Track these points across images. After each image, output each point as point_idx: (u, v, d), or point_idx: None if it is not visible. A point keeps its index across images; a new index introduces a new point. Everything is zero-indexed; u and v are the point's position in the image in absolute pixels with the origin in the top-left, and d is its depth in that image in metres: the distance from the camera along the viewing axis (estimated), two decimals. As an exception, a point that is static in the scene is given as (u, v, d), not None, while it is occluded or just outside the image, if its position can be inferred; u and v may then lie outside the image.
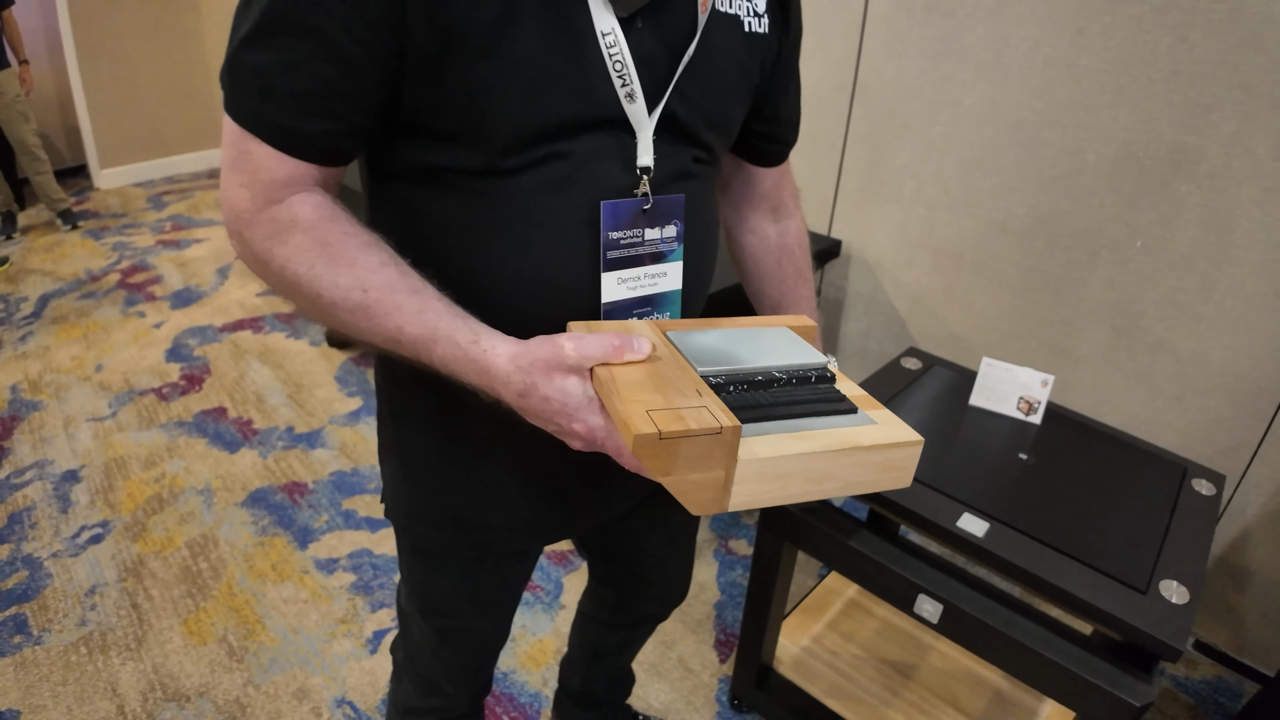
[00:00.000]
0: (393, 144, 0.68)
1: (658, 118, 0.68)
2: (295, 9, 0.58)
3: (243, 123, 0.62)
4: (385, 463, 0.90)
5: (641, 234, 0.71)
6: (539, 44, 0.62)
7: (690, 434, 0.51)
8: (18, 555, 2.04)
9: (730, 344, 0.67)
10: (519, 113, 0.63)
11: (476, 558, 0.90)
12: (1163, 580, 1.05)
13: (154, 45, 5.48)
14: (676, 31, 0.68)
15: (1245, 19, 1.39)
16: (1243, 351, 1.56)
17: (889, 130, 1.93)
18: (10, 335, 3.33)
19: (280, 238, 0.63)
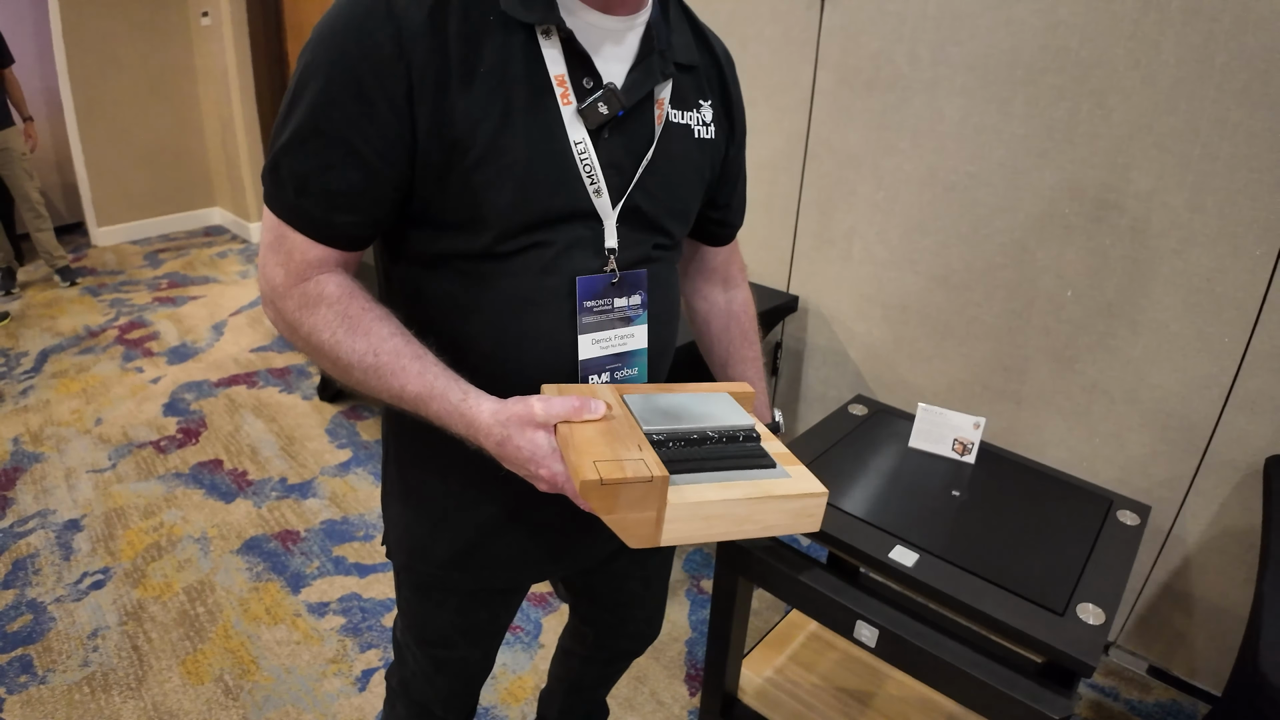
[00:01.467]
0: (404, 232, 0.82)
1: (620, 210, 0.83)
2: (327, 123, 0.72)
3: (281, 214, 0.77)
4: (389, 507, 1.02)
5: (611, 303, 0.85)
6: (526, 153, 0.76)
7: (626, 481, 0.64)
8: (22, 600, 2.13)
9: (676, 407, 0.80)
10: (510, 208, 0.77)
11: (471, 593, 1.02)
12: (1080, 603, 1.16)
13: (151, 107, 5.63)
14: (638, 139, 0.83)
15: (1157, 84, 1.54)
16: (1171, 390, 1.68)
17: (838, 195, 2.08)
18: (11, 389, 3.42)
19: (309, 309, 0.77)
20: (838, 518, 1.33)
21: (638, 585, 1.19)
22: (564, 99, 0.77)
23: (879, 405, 1.72)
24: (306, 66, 0.73)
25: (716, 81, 0.94)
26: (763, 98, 2.19)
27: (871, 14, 1.90)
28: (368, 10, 0.70)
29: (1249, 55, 1.44)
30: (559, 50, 0.77)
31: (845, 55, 1.97)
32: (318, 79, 0.72)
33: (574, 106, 0.77)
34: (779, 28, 2.09)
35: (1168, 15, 1.50)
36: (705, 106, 0.91)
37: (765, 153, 2.22)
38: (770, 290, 2.27)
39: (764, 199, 2.27)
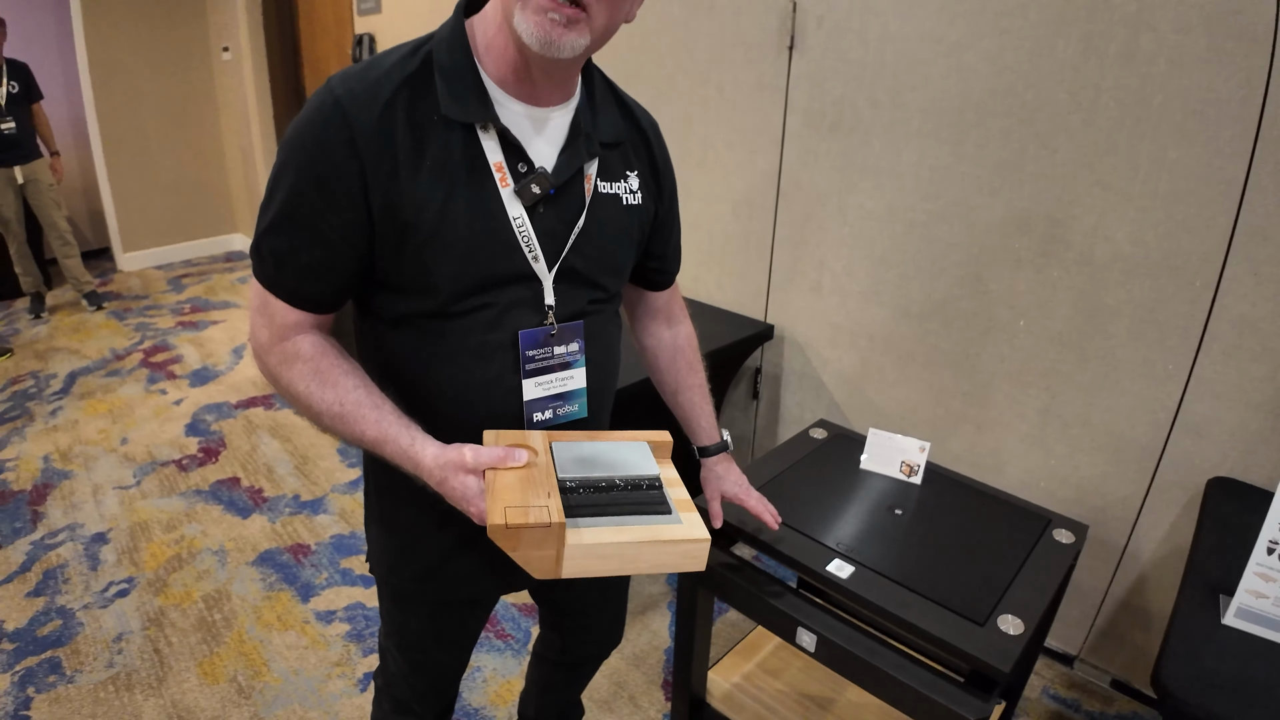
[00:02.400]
0: (370, 295, 0.96)
1: (556, 271, 0.96)
2: (297, 213, 0.87)
3: (264, 285, 0.91)
4: (370, 528, 1.16)
5: (551, 351, 0.99)
6: (468, 229, 0.89)
7: (528, 526, 0.77)
8: (52, 606, 2.28)
9: (594, 455, 0.92)
10: (457, 276, 0.90)
11: (439, 604, 1.15)
12: (1001, 615, 1.27)
13: (174, 138, 5.83)
14: (570, 210, 0.97)
15: (1098, 125, 1.65)
16: (1120, 414, 1.77)
17: (808, 230, 2.22)
18: (41, 409, 3.60)
19: (288, 364, 0.91)
20: (784, 533, 1.45)
21: (595, 596, 1.32)
22: (502, 182, 0.91)
23: (838, 429, 1.84)
24: (280, 165, 0.87)
25: (644, 151, 1.08)
26: (738, 139, 2.33)
27: (835, 62, 2.03)
28: (326, 119, 0.84)
29: (1184, 96, 1.53)
30: (496, 141, 0.90)
31: (811, 100, 2.11)
32: (288, 175, 0.86)
33: (511, 187, 0.91)
34: (751, 74, 2.24)
35: (1106, 60, 1.61)
36: (632, 176, 1.04)
37: (741, 190, 2.36)
38: (748, 319, 2.41)
39: (741, 234, 2.40)
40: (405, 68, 0.88)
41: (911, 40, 1.88)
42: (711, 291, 2.57)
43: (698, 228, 2.55)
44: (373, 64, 0.89)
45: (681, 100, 2.49)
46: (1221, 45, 1.47)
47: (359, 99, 0.85)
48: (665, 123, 2.47)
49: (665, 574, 2.37)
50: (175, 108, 5.76)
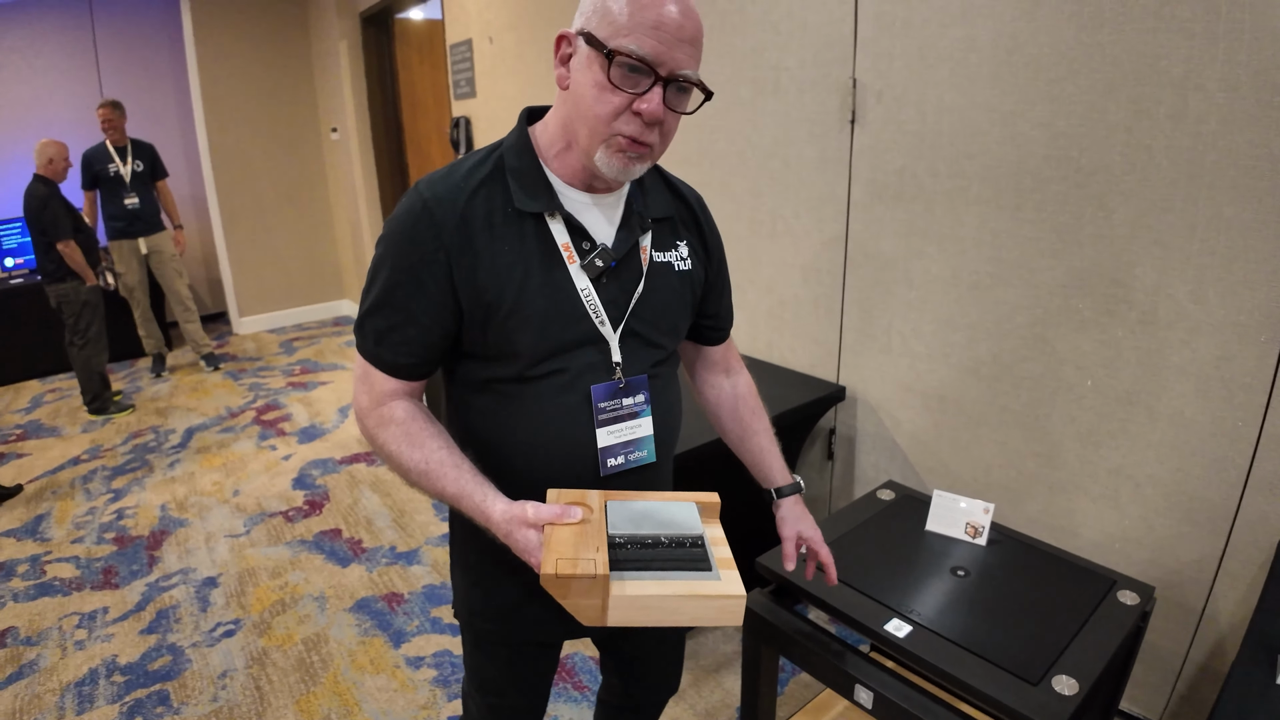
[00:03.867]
0: (458, 364, 1.10)
1: (621, 333, 1.08)
2: (393, 299, 1.01)
3: (366, 357, 1.06)
4: (455, 575, 1.28)
5: (620, 403, 1.10)
6: (543, 301, 1.02)
7: (575, 577, 0.85)
8: (163, 643, 2.48)
9: (646, 513, 1.01)
10: (536, 343, 1.03)
11: (515, 647, 1.25)
12: (1056, 675, 1.28)
13: (287, 211, 6.27)
14: (630, 279, 1.09)
15: (1153, 186, 1.67)
16: (1191, 473, 1.74)
17: (875, 294, 2.28)
18: (160, 462, 3.91)
19: (384, 426, 1.04)
20: (845, 592, 1.50)
21: (653, 644, 1.40)
22: (570, 259, 1.04)
23: (906, 490, 1.88)
24: (378, 258, 1.03)
25: (691, 222, 1.20)
26: (806, 209, 2.43)
27: (894, 134, 2.12)
28: (416, 218, 0.99)
29: (1236, 153, 1.54)
30: (563, 225, 1.04)
31: (874, 171, 2.19)
32: (385, 268, 1.02)
33: (578, 263, 1.04)
34: (815, 148, 2.34)
35: (1156, 122, 1.63)
36: (682, 245, 1.17)
37: (810, 257, 2.45)
38: (820, 381, 2.46)
39: (811, 299, 2.48)
40: (480, 171, 1.03)
41: (967, 111, 1.95)
42: (784, 355, 2.64)
43: (770, 293, 2.64)
44: (453, 169, 1.04)
45: (751, 174, 2.61)
46: (1270, 100, 1.48)
47: (443, 201, 1.00)
48: (736, 195, 2.62)
49: (736, 631, 2.41)
50: (288, 184, 6.22)
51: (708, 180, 2.76)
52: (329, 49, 5.69)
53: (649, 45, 0.91)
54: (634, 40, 0.91)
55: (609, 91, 0.94)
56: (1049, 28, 1.76)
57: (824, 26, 2.25)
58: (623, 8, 0.92)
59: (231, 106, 5.85)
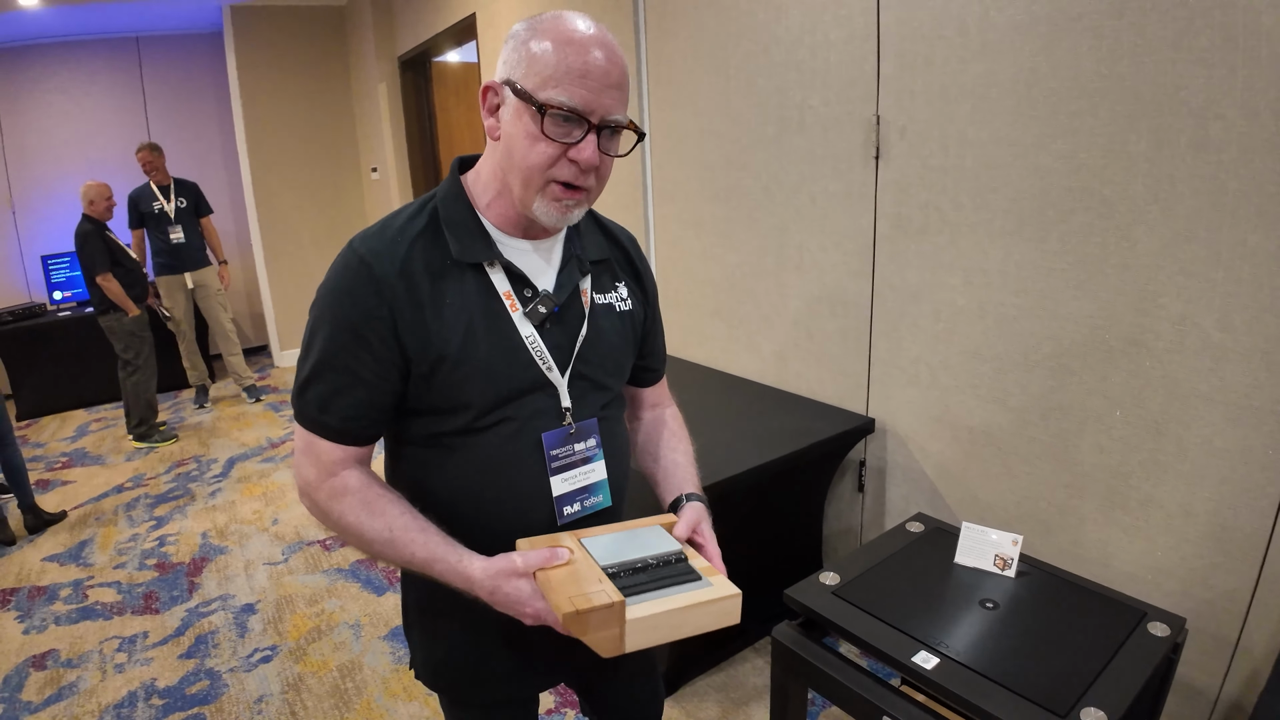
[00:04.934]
0: (401, 420, 1.06)
1: (569, 377, 1.09)
2: (335, 360, 0.99)
3: (308, 427, 1.02)
4: (412, 640, 1.22)
5: (572, 448, 1.10)
6: (489, 351, 1.02)
7: (595, 609, 0.87)
8: (201, 668, 2.54)
9: (622, 543, 1.03)
10: (482, 393, 1.02)
11: (487, 704, 1.23)
12: (1085, 707, 1.27)
13: (328, 247, 6.42)
14: (573, 323, 1.10)
15: (1176, 215, 1.68)
16: (1223, 502, 1.72)
17: (902, 327, 2.30)
18: (202, 490, 4.02)
19: (337, 499, 1.01)
20: (874, 625, 1.51)
21: (624, 679, 1.36)
22: (512, 307, 1.04)
23: (935, 522, 1.88)
24: (316, 320, 1.00)
25: (626, 264, 1.22)
26: (832, 243, 2.46)
27: (918, 169, 2.15)
28: (354, 274, 0.98)
29: (1259, 180, 1.55)
30: (503, 274, 1.04)
31: (899, 205, 2.23)
32: (324, 329, 0.99)
33: (520, 311, 1.04)
34: (841, 184, 2.38)
35: (1178, 151, 1.65)
36: (620, 286, 1.18)
37: (837, 290, 2.48)
38: (849, 413, 2.48)
39: (839, 331, 2.51)
40: (415, 224, 1.02)
41: (989, 145, 1.98)
42: (813, 387, 2.66)
43: (797, 326, 2.67)
44: (386, 224, 1.04)
45: (777, 210, 2.65)
46: None
47: (381, 256, 0.98)
48: (762, 230, 2.67)
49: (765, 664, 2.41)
50: (328, 221, 6.40)
51: (734, 216, 2.81)
52: (369, 91, 5.87)
53: (578, 95, 0.93)
54: (563, 91, 0.93)
55: (542, 142, 0.95)
56: (1068, 61, 1.79)
57: (847, 66, 2.30)
58: (548, 58, 0.93)
59: (274, 146, 6.06)
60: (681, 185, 3.05)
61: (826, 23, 2.33)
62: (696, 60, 2.87)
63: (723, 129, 2.82)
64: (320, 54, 6.12)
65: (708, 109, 2.87)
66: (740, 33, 2.65)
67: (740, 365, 2.94)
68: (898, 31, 2.14)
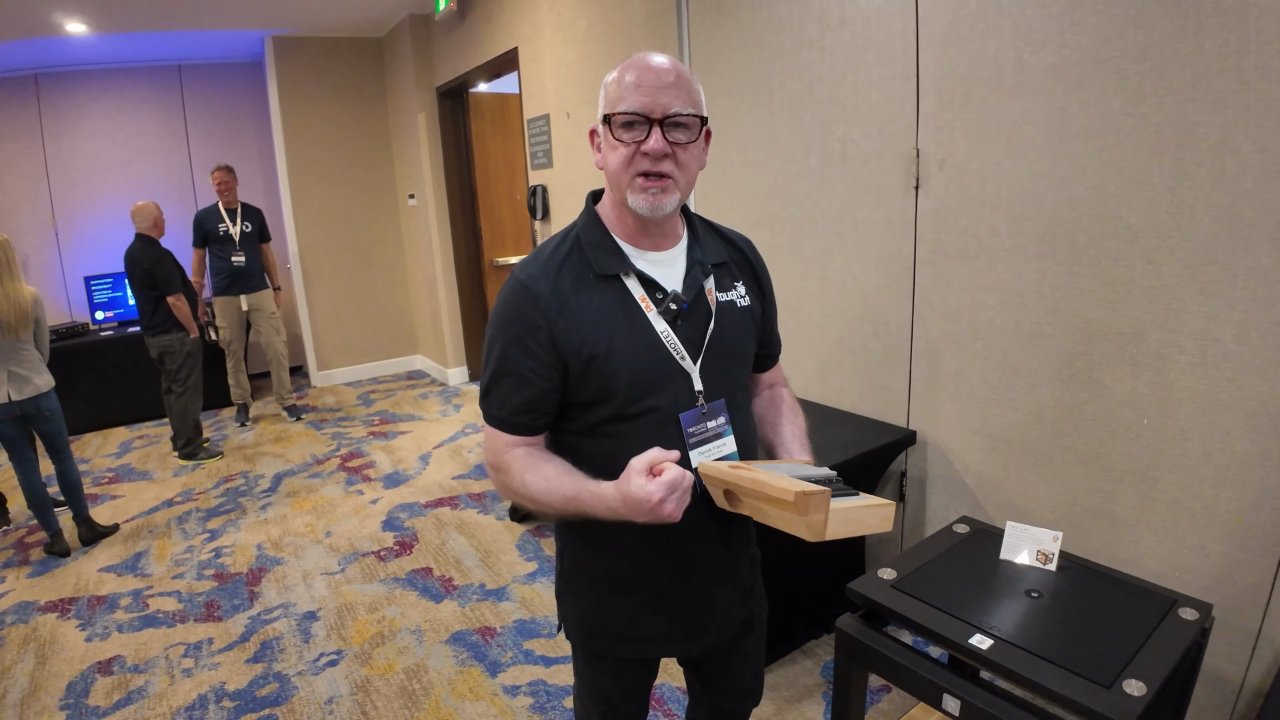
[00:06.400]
0: (565, 415, 1.27)
1: (700, 366, 1.26)
2: (509, 367, 1.21)
3: (492, 424, 1.25)
4: (562, 599, 1.43)
5: (705, 425, 1.27)
6: (631, 346, 1.21)
7: (814, 493, 1.03)
8: (270, 672, 2.66)
9: (788, 470, 1.20)
10: (630, 382, 1.20)
11: (624, 660, 1.43)
12: (1126, 679, 1.41)
13: (365, 272, 6.61)
14: (701, 319, 1.27)
15: (1197, 241, 1.82)
16: (1245, 503, 1.85)
17: (943, 344, 2.46)
18: (252, 505, 4.15)
19: (509, 470, 1.23)
20: (930, 612, 1.66)
21: (739, 660, 1.54)
22: (647, 309, 1.22)
23: (979, 524, 2.03)
24: (491, 337, 1.23)
25: (745, 265, 1.39)
26: (874, 268, 2.63)
27: (957, 198, 2.32)
28: (518, 296, 1.19)
29: (1272, 208, 1.69)
30: (637, 282, 1.23)
31: (938, 232, 2.39)
32: (498, 343, 1.21)
33: (655, 311, 1.22)
34: (882, 211, 2.55)
35: (1198, 183, 1.80)
36: (739, 285, 1.36)
37: (879, 311, 2.64)
38: (891, 426, 2.63)
39: (881, 350, 2.67)
40: (562, 250, 1.23)
41: (1023, 176, 2.15)
42: (856, 402, 2.82)
43: (840, 345, 2.83)
44: (539, 253, 1.25)
45: (821, 236, 2.82)
46: None
47: (537, 278, 1.20)
48: (806, 255, 2.84)
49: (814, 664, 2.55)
50: (366, 246, 6.59)
51: (778, 243, 2.99)
52: (408, 120, 6.08)
53: (636, 101, 1.12)
54: (625, 102, 1.13)
55: (618, 147, 1.15)
56: (1096, 101, 1.96)
57: (888, 103, 2.48)
58: (616, 84, 1.15)
59: (313, 173, 6.27)
60: (726, 213, 3.23)
61: (869, 63, 2.52)
62: (742, 96, 3.05)
63: (767, 160, 3.00)
64: (359, 83, 6.35)
65: (752, 142, 3.05)
66: (785, 71, 2.84)
67: (784, 382, 3.08)
68: (936, 72, 2.32)
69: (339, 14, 5.60)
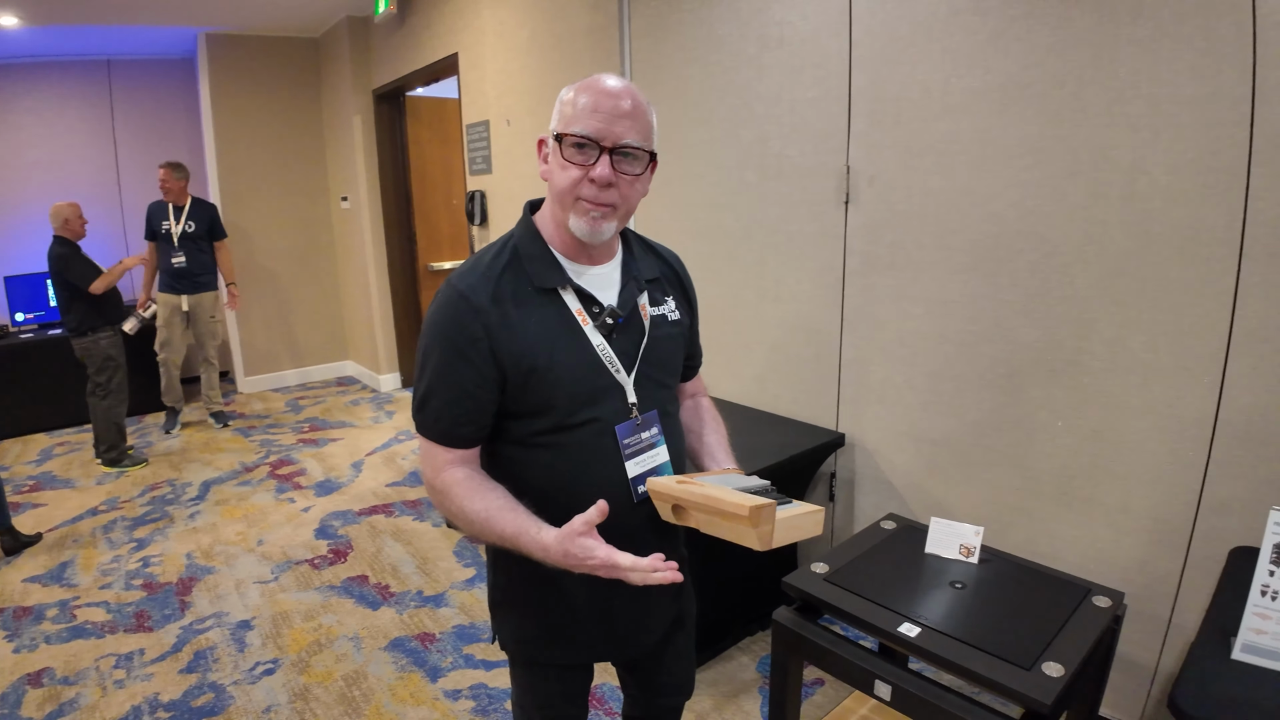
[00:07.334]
0: (501, 426, 1.27)
1: (634, 378, 1.30)
2: (446, 379, 1.20)
3: (426, 435, 1.24)
4: (497, 610, 1.43)
5: (639, 437, 1.31)
6: (570, 359, 1.21)
7: (764, 506, 1.09)
8: (205, 682, 2.60)
9: (727, 482, 1.26)
10: (568, 395, 1.21)
11: (562, 666, 1.45)
12: (1045, 662, 1.51)
13: (296, 275, 6.47)
14: (635, 333, 1.31)
15: (1109, 255, 1.96)
16: (1155, 500, 1.98)
17: (871, 351, 2.57)
18: (180, 513, 4.04)
19: (448, 490, 1.22)
20: (861, 603, 1.74)
21: (671, 657, 1.58)
22: (584, 322, 1.24)
23: (906, 520, 2.13)
24: (426, 347, 1.22)
25: (675, 280, 1.45)
26: (807, 277, 2.73)
27: (885, 213, 2.44)
28: (455, 305, 1.19)
29: (1179, 225, 1.83)
30: (574, 295, 1.25)
31: (868, 245, 2.51)
32: (434, 354, 1.20)
33: (591, 325, 1.24)
34: (815, 225, 2.66)
35: (1110, 201, 1.94)
36: (670, 300, 1.41)
37: (811, 319, 2.75)
38: (821, 429, 2.73)
39: (813, 356, 2.77)
40: (500, 260, 1.24)
41: (949, 193, 2.27)
42: (788, 406, 2.92)
43: (775, 351, 2.92)
44: (476, 262, 1.24)
45: (757, 246, 2.92)
46: (1205, 181, 1.78)
47: (475, 288, 1.19)
48: (744, 265, 2.93)
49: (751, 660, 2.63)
50: (297, 249, 6.47)
51: (717, 253, 3.07)
52: (343, 122, 6.01)
53: (591, 125, 1.14)
54: (579, 124, 1.15)
55: (567, 167, 1.17)
56: (1018, 123, 2.09)
57: (821, 121, 2.59)
58: (572, 104, 1.17)
59: (244, 174, 6.14)
60: (666, 224, 3.30)
61: (804, 82, 2.62)
62: (683, 111, 3.13)
63: (706, 173, 3.08)
64: (294, 84, 6.24)
65: (693, 155, 3.13)
66: (724, 88, 2.93)
67: (723, 388, 3.17)
68: (869, 93, 2.43)
69: (275, 13, 5.50)
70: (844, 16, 2.47)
